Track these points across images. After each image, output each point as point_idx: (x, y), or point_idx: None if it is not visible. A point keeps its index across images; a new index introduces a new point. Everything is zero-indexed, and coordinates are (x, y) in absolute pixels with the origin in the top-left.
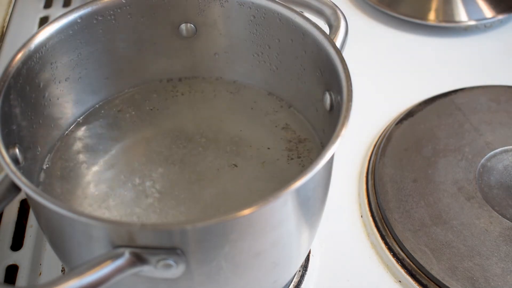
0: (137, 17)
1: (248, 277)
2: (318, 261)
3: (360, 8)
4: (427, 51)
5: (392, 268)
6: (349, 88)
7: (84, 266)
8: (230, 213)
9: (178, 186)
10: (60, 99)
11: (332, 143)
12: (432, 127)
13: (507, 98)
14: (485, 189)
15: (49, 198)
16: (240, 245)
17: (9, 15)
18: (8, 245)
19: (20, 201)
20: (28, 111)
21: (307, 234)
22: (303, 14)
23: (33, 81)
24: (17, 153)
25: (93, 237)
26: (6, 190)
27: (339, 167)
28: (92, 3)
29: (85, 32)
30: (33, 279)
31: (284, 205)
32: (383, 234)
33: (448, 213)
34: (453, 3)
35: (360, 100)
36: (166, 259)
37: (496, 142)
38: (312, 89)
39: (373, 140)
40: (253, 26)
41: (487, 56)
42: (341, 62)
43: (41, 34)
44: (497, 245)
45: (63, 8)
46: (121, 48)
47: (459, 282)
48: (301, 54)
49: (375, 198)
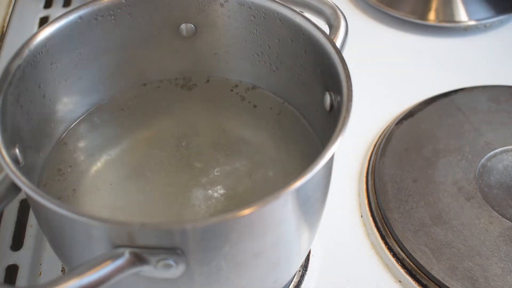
0: (137, 17)
1: (248, 277)
2: (318, 261)
3: (360, 8)
4: (427, 51)
5: (392, 268)
6: (349, 88)
7: (84, 266)
8: (230, 213)
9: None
10: (60, 99)
11: (332, 143)
12: (432, 127)
13: (507, 98)
14: (485, 189)
15: (49, 198)
16: (240, 245)
17: (9, 15)
18: (8, 245)
19: (20, 201)
20: (28, 111)
21: (307, 234)
22: (303, 14)
23: (33, 81)
24: (17, 153)
25: (93, 237)
26: (6, 190)
27: (339, 167)
28: (92, 3)
29: (85, 32)
30: (33, 279)
31: (284, 205)
32: (383, 234)
33: (448, 213)
34: (453, 3)
35: (360, 100)
36: (166, 259)
37: (496, 142)
38: (312, 89)
39: (373, 140)
40: (253, 26)
41: (487, 56)
42: (341, 62)
43: (41, 34)
44: (497, 245)
45: (63, 8)
46: (121, 48)
47: (459, 282)
48: (301, 54)
49: (375, 198)
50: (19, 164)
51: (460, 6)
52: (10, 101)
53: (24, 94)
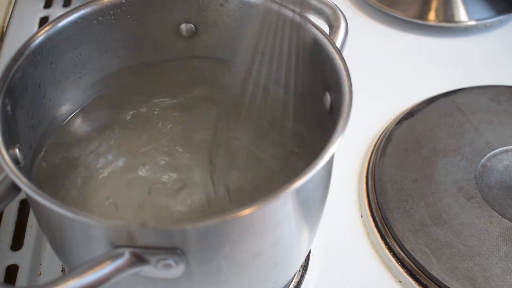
0: (137, 17)
1: (248, 277)
2: (318, 261)
3: (360, 8)
4: (427, 51)
5: (392, 268)
6: (349, 88)
7: (84, 266)
8: (230, 213)
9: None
10: (60, 99)
11: (332, 143)
12: (432, 127)
13: (507, 98)
14: (485, 189)
15: (49, 198)
16: (240, 245)
17: (9, 15)
18: (8, 245)
19: (20, 201)
20: (28, 111)
21: (307, 234)
22: (303, 14)
23: (33, 81)
24: (17, 153)
25: (93, 237)
26: (6, 190)
27: (339, 167)
28: (92, 3)
29: (85, 32)
30: (33, 279)
31: (284, 205)
32: (383, 234)
33: (448, 213)
34: (453, 3)
35: (360, 100)
36: (166, 259)
37: (496, 142)
38: (312, 89)
39: (373, 140)
40: (253, 26)
41: (487, 56)
42: (341, 62)
43: (41, 34)
44: (497, 245)
45: (63, 8)
46: (121, 48)
47: (459, 282)
48: (301, 54)
49: (375, 198)
50: (19, 164)
51: (460, 6)
52: (10, 101)
53: (24, 94)
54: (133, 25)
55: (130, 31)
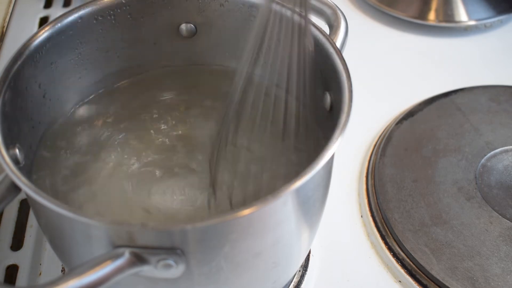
0: (137, 17)
1: (248, 277)
2: (318, 261)
3: (360, 8)
4: (427, 51)
5: (392, 268)
6: (349, 88)
7: (84, 266)
8: (230, 213)
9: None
10: (60, 99)
11: (332, 143)
12: (432, 127)
13: (507, 98)
14: (485, 189)
15: (49, 198)
16: (240, 245)
17: (9, 15)
18: (8, 245)
19: (20, 201)
20: (28, 111)
21: (307, 234)
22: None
23: (33, 81)
24: (17, 153)
25: (93, 237)
26: (6, 190)
27: (339, 167)
28: (92, 3)
29: (85, 32)
30: (33, 279)
31: (284, 205)
32: (383, 234)
33: (448, 213)
34: (453, 3)
35: (360, 100)
36: (166, 259)
37: (496, 142)
38: (312, 89)
39: (373, 140)
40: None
41: (487, 56)
42: (341, 62)
43: (41, 34)
44: (497, 245)
45: (63, 8)
46: (121, 48)
47: (459, 282)
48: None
49: (375, 198)
50: (19, 164)
51: (460, 6)
52: (10, 101)
53: (24, 94)
54: (133, 25)
55: (130, 31)
